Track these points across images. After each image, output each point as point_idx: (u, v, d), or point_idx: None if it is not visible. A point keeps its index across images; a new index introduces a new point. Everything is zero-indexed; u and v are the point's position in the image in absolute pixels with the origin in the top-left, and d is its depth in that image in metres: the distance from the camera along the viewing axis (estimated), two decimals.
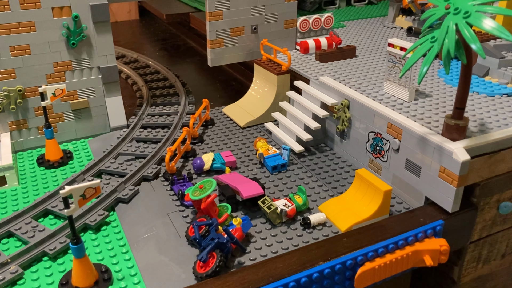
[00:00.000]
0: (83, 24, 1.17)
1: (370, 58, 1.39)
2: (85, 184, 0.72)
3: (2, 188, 1.05)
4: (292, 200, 0.94)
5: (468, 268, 1.03)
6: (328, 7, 2.07)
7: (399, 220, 0.90)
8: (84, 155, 1.18)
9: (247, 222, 0.86)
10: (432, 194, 0.93)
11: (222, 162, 1.10)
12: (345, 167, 1.12)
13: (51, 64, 1.17)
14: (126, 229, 0.91)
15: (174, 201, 1.00)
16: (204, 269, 0.78)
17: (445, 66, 0.79)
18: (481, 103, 1.08)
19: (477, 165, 0.89)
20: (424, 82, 1.19)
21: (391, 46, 1.08)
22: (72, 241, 0.74)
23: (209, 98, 1.35)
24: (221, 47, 1.39)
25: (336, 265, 0.78)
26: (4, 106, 1.15)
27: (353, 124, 1.11)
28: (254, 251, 0.85)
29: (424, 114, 1.02)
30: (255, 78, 1.41)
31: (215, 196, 0.89)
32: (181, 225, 0.92)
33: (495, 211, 0.99)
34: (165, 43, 2.27)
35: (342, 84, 1.16)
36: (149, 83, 1.58)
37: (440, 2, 0.82)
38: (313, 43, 1.42)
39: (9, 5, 1.08)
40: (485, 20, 0.75)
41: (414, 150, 0.95)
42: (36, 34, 1.13)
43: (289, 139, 1.20)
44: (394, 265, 0.82)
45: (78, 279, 0.76)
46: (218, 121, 1.36)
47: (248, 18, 1.39)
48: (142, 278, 0.80)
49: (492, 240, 1.03)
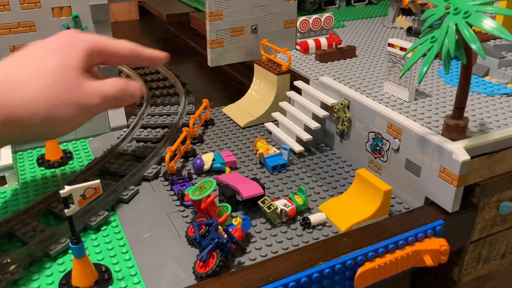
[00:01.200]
0: (83, 24, 1.17)
1: (370, 58, 1.39)
2: (85, 184, 0.72)
3: (2, 188, 1.05)
4: (292, 200, 0.94)
5: (468, 268, 1.03)
6: (328, 7, 2.07)
7: (399, 220, 0.90)
8: (84, 155, 1.18)
9: (247, 222, 0.86)
10: (432, 194, 0.93)
11: (222, 162, 1.10)
12: (345, 167, 1.12)
13: None
14: (126, 229, 0.91)
15: (174, 201, 1.00)
16: (204, 269, 0.78)
17: (445, 66, 0.79)
18: (481, 103, 1.08)
19: (477, 165, 0.89)
20: (424, 82, 1.19)
21: (391, 46, 1.08)
22: (72, 241, 0.74)
23: (209, 98, 1.35)
24: (221, 47, 1.39)
25: (336, 265, 0.78)
26: None
27: (353, 124, 1.11)
28: (254, 251, 0.85)
29: (424, 114, 1.02)
30: (255, 78, 1.41)
31: (215, 196, 0.89)
32: (181, 225, 0.92)
33: (495, 211, 0.99)
34: (165, 43, 2.27)
35: (342, 84, 1.16)
36: (149, 83, 1.57)
37: (440, 2, 0.82)
38: (313, 43, 1.42)
39: (9, 5, 1.08)
40: (485, 20, 0.75)
41: (414, 150, 0.95)
42: (36, 34, 1.13)
43: (289, 139, 1.20)
44: (394, 265, 0.82)
45: (78, 279, 0.76)
46: (218, 121, 1.36)
47: (248, 18, 1.39)
48: (142, 278, 0.80)
49: (492, 240, 1.03)
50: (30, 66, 0.79)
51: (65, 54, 0.82)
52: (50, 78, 0.79)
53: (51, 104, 0.78)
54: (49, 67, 0.80)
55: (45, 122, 0.78)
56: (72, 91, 0.81)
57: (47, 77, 0.79)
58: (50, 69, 0.80)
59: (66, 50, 0.82)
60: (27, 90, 0.76)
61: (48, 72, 0.79)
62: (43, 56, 0.81)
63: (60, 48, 0.83)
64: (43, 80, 0.78)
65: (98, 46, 0.87)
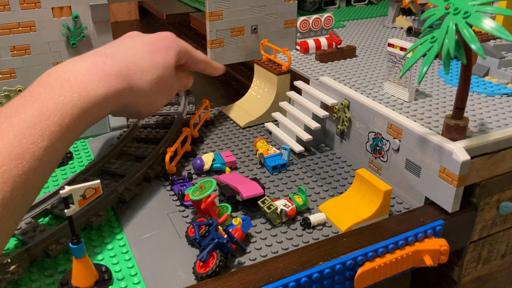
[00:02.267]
0: (83, 24, 1.17)
1: (370, 58, 1.39)
2: (85, 184, 0.72)
3: None
4: (292, 200, 0.94)
5: (468, 268, 1.03)
6: (328, 7, 2.07)
7: (399, 220, 0.90)
8: (84, 155, 1.18)
9: (247, 222, 0.86)
10: (432, 194, 0.93)
11: (222, 162, 1.10)
12: (345, 167, 1.12)
13: (51, 64, 1.17)
14: (126, 229, 0.91)
15: (174, 201, 1.00)
16: (204, 269, 0.78)
17: (445, 66, 0.79)
18: (481, 103, 1.08)
19: (477, 165, 0.89)
20: (424, 82, 1.19)
21: (391, 46, 1.08)
22: (72, 241, 0.74)
23: (209, 98, 1.35)
24: (221, 47, 1.39)
25: (336, 265, 0.78)
26: None
27: (353, 124, 1.11)
28: (254, 251, 0.85)
29: (424, 114, 1.02)
30: (255, 78, 1.41)
31: (215, 196, 0.89)
32: (181, 225, 0.92)
33: (495, 211, 0.99)
34: None
35: (342, 84, 1.16)
36: None
37: (440, 2, 0.82)
38: (313, 43, 1.42)
39: (9, 5, 1.08)
40: (485, 20, 0.75)
41: (414, 150, 0.95)
42: (36, 34, 1.13)
43: (289, 139, 1.20)
44: (394, 265, 0.82)
45: (78, 279, 0.76)
46: (218, 121, 1.36)
47: (248, 18, 1.39)
48: (142, 278, 0.80)
49: (492, 240, 1.03)
50: (146, 57, 0.98)
51: (166, 52, 1.02)
52: (160, 70, 0.99)
53: (157, 93, 1.00)
54: (158, 61, 0.99)
55: (147, 105, 1.01)
56: (168, 86, 1.04)
57: (158, 69, 0.99)
58: (160, 63, 1.00)
59: (167, 49, 1.03)
60: (146, 78, 0.96)
61: (159, 65, 0.99)
62: (152, 51, 1.00)
63: (163, 47, 1.03)
64: (156, 71, 0.98)
65: (187, 51, 1.10)
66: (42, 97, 0.78)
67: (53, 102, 0.78)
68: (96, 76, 0.85)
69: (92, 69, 0.86)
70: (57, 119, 0.77)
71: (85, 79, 0.84)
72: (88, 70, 0.85)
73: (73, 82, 0.82)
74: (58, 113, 0.78)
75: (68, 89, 0.81)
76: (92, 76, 0.85)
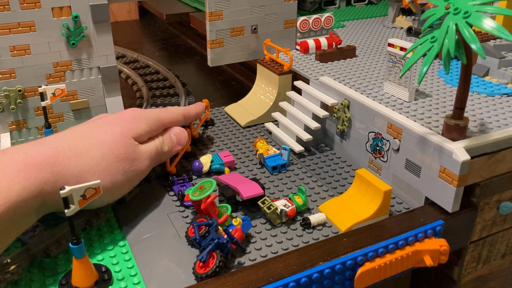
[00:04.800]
0: (83, 24, 1.17)
1: (370, 58, 1.39)
2: (85, 184, 0.72)
3: None
4: (292, 201, 0.94)
5: (468, 268, 1.03)
6: (328, 7, 2.07)
7: (399, 220, 0.90)
8: None
9: (247, 223, 0.86)
10: (432, 194, 0.93)
11: (220, 163, 1.09)
12: (345, 167, 1.12)
13: (51, 64, 1.17)
14: (126, 229, 0.91)
15: (174, 202, 1.00)
16: (204, 270, 0.78)
17: (445, 66, 0.79)
18: (481, 103, 1.08)
19: (477, 165, 0.89)
20: (424, 82, 1.19)
21: (391, 46, 1.08)
22: (72, 241, 0.74)
23: (209, 98, 1.35)
24: (221, 47, 1.39)
25: (336, 265, 0.78)
26: (4, 106, 1.15)
27: (353, 124, 1.11)
28: (254, 251, 0.85)
29: (424, 114, 1.02)
30: (258, 77, 1.41)
31: (215, 197, 0.89)
32: (181, 226, 0.92)
33: (495, 211, 0.99)
34: (165, 43, 2.27)
35: (342, 84, 1.16)
36: (149, 83, 1.58)
37: (440, 2, 0.82)
38: (313, 43, 1.42)
39: (9, 5, 1.08)
40: (485, 20, 0.75)
41: (414, 150, 0.95)
42: (36, 34, 1.13)
43: (289, 139, 1.20)
44: (394, 265, 0.82)
45: (78, 279, 0.76)
46: (218, 121, 1.36)
47: (248, 18, 1.39)
48: (142, 278, 0.80)
49: (492, 240, 1.03)
50: (88, 138, 0.86)
51: (125, 126, 0.91)
52: (106, 148, 0.86)
53: (105, 172, 0.85)
54: (107, 137, 0.88)
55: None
56: (124, 160, 0.88)
57: (103, 147, 0.86)
58: (108, 139, 0.87)
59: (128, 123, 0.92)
60: (83, 161, 0.83)
61: (104, 143, 0.87)
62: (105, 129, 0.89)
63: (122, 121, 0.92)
64: (99, 150, 0.85)
65: (160, 122, 1.00)
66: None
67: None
68: (12, 170, 0.76)
69: (8, 163, 0.76)
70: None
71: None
72: (4, 165, 0.76)
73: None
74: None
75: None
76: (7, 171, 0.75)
